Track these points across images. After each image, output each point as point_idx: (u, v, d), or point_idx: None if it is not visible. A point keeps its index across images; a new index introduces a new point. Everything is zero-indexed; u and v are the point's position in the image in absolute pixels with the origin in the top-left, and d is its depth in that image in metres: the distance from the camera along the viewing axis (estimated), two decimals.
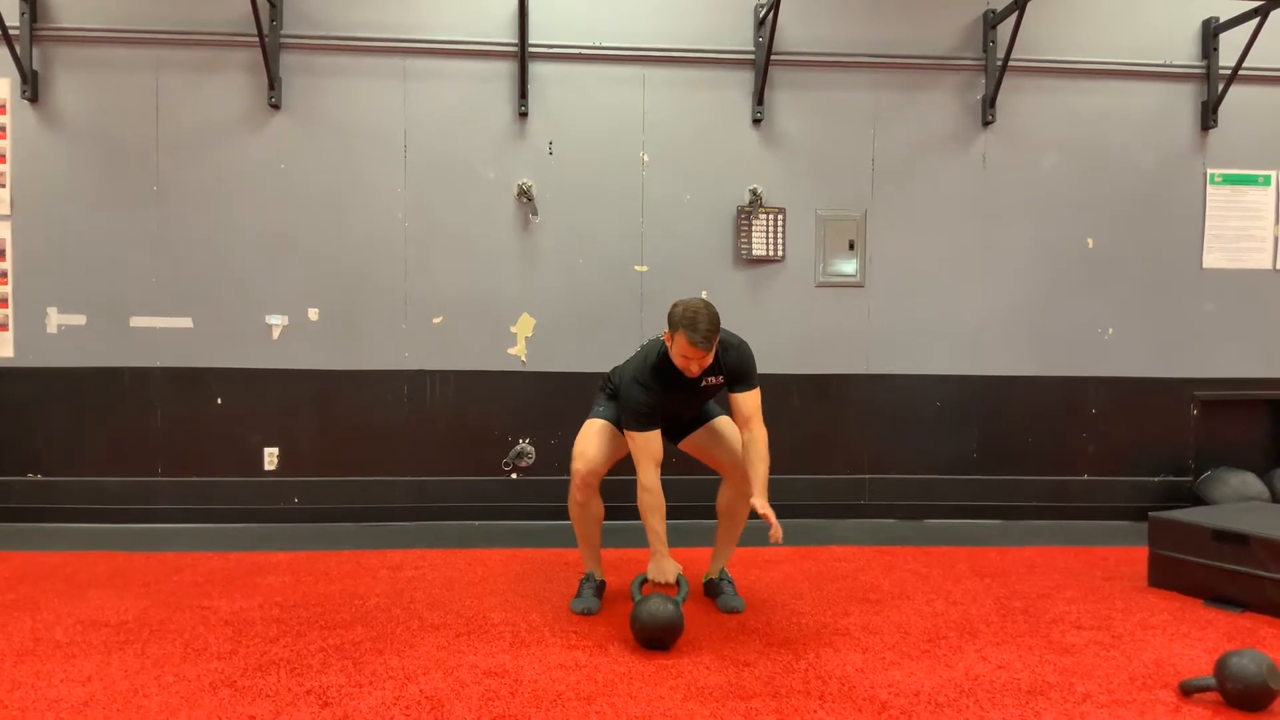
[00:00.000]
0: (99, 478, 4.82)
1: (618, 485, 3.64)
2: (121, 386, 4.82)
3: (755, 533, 4.59)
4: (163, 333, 4.83)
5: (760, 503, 3.23)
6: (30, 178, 4.76)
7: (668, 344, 3.24)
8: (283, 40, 4.80)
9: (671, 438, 3.56)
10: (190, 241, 4.82)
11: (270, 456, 4.89)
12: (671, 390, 3.31)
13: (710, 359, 3.22)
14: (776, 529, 3.21)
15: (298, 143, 4.85)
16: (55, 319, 4.80)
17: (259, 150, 4.84)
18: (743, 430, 3.37)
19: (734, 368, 3.36)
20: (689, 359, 3.18)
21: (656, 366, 3.30)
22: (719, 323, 3.19)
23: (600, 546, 3.62)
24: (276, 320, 4.88)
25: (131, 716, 2.54)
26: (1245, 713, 2.64)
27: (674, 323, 3.17)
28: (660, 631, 3.05)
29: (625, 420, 3.32)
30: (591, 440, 3.44)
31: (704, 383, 3.35)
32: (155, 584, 3.77)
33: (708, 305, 3.18)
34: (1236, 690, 2.63)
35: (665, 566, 3.30)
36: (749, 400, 3.35)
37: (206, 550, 4.30)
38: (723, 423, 3.51)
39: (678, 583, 3.30)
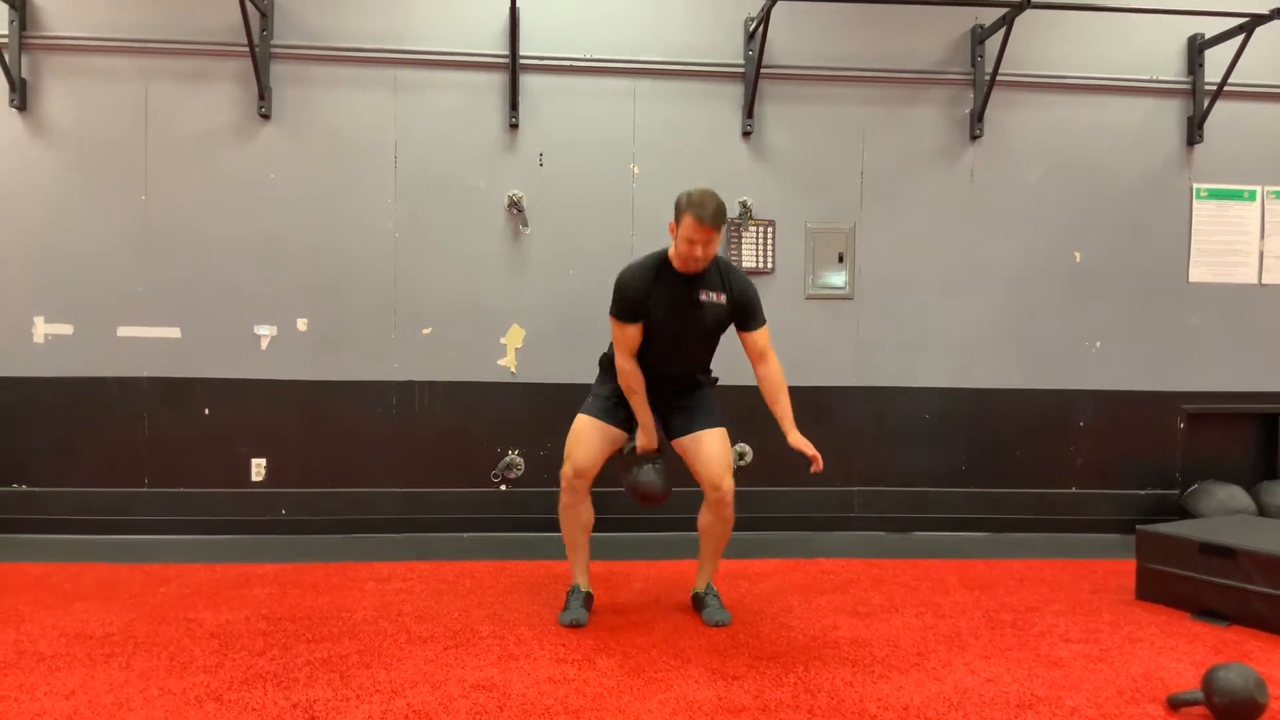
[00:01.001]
0: (85, 488, 4.79)
1: (607, 498, 3.64)
2: (108, 396, 4.79)
3: (747, 545, 4.61)
4: (150, 343, 4.81)
5: (794, 437, 3.34)
6: (18, 186, 4.74)
7: (672, 235, 3.28)
8: (273, 50, 4.80)
9: (667, 430, 3.52)
10: (179, 251, 4.81)
11: (258, 467, 4.87)
12: (668, 293, 3.33)
13: (716, 244, 3.25)
14: (817, 460, 3.29)
15: (288, 153, 4.85)
16: (42, 328, 4.77)
17: (249, 160, 4.83)
18: (758, 365, 3.45)
19: (740, 295, 3.39)
20: (694, 241, 3.20)
21: (657, 263, 3.36)
22: (725, 210, 3.24)
23: (589, 557, 3.61)
24: (265, 331, 4.86)
25: None
26: None
27: (680, 206, 3.23)
28: (656, 493, 3.27)
29: (613, 307, 3.36)
30: (580, 441, 3.44)
31: (704, 296, 3.35)
32: (141, 596, 3.74)
33: (714, 192, 3.24)
34: (1224, 704, 2.64)
35: (650, 440, 3.43)
36: (760, 337, 3.44)
37: (193, 562, 4.27)
38: (712, 436, 3.47)
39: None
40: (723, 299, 3.38)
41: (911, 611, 3.69)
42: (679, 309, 3.35)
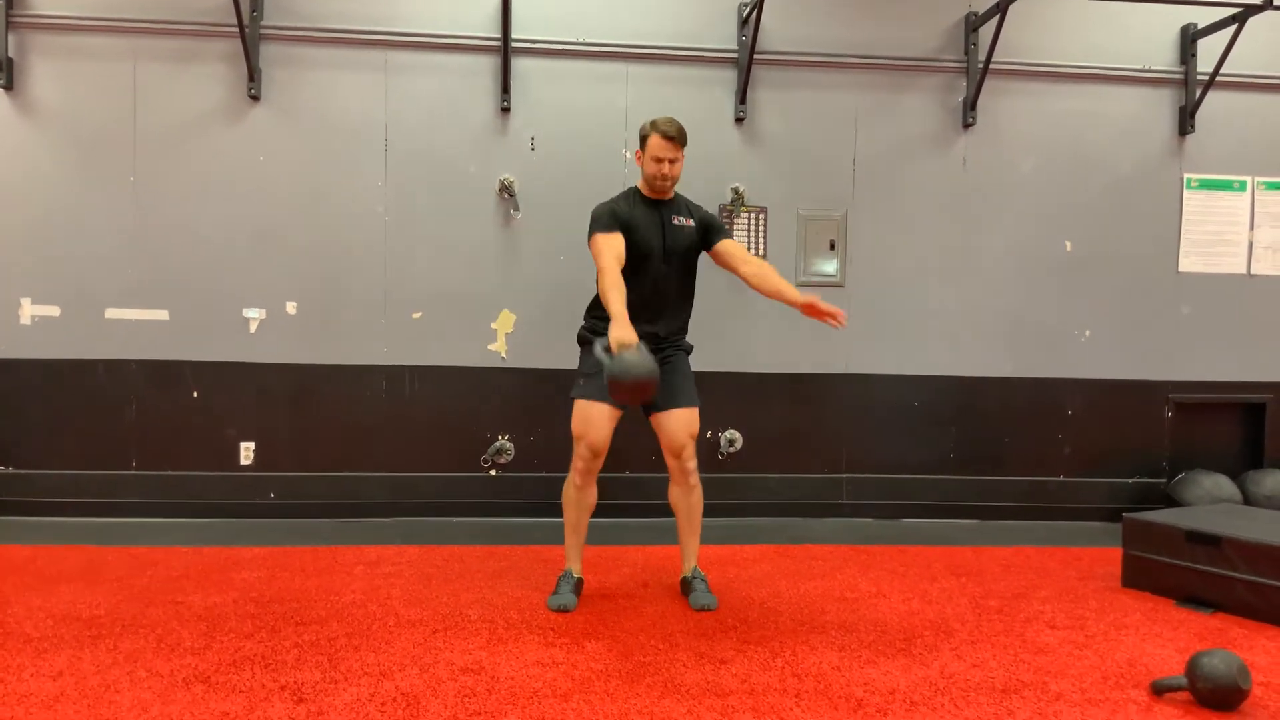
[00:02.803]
0: (72, 471, 4.77)
1: (600, 483, 3.63)
2: (96, 379, 4.77)
3: (736, 531, 4.62)
4: (138, 325, 4.78)
5: (804, 298, 3.37)
6: (4, 167, 4.70)
7: (640, 164, 3.52)
8: (263, 31, 4.76)
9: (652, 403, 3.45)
10: (167, 233, 4.78)
11: (246, 451, 4.85)
12: (644, 218, 3.50)
13: (680, 161, 3.48)
14: (836, 315, 3.33)
15: (277, 135, 4.82)
16: (29, 310, 4.74)
17: (238, 142, 4.80)
18: (743, 267, 3.55)
19: (703, 216, 3.63)
20: (661, 160, 3.43)
21: (629, 194, 3.59)
22: (686, 132, 3.49)
23: (585, 541, 3.62)
24: (254, 314, 4.84)
25: (103, 712, 2.52)
26: (1215, 712, 2.67)
27: (645, 131, 3.49)
28: (646, 378, 3.09)
29: (591, 228, 3.48)
30: (589, 422, 3.45)
31: (675, 220, 3.54)
32: (128, 578, 3.73)
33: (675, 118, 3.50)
34: (1207, 689, 2.66)
35: (628, 332, 3.16)
36: (732, 243, 3.61)
37: (180, 545, 4.26)
38: (682, 414, 3.49)
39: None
40: (691, 222, 3.58)
41: (899, 597, 3.70)
42: (656, 230, 3.51)
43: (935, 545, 4.57)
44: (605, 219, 3.46)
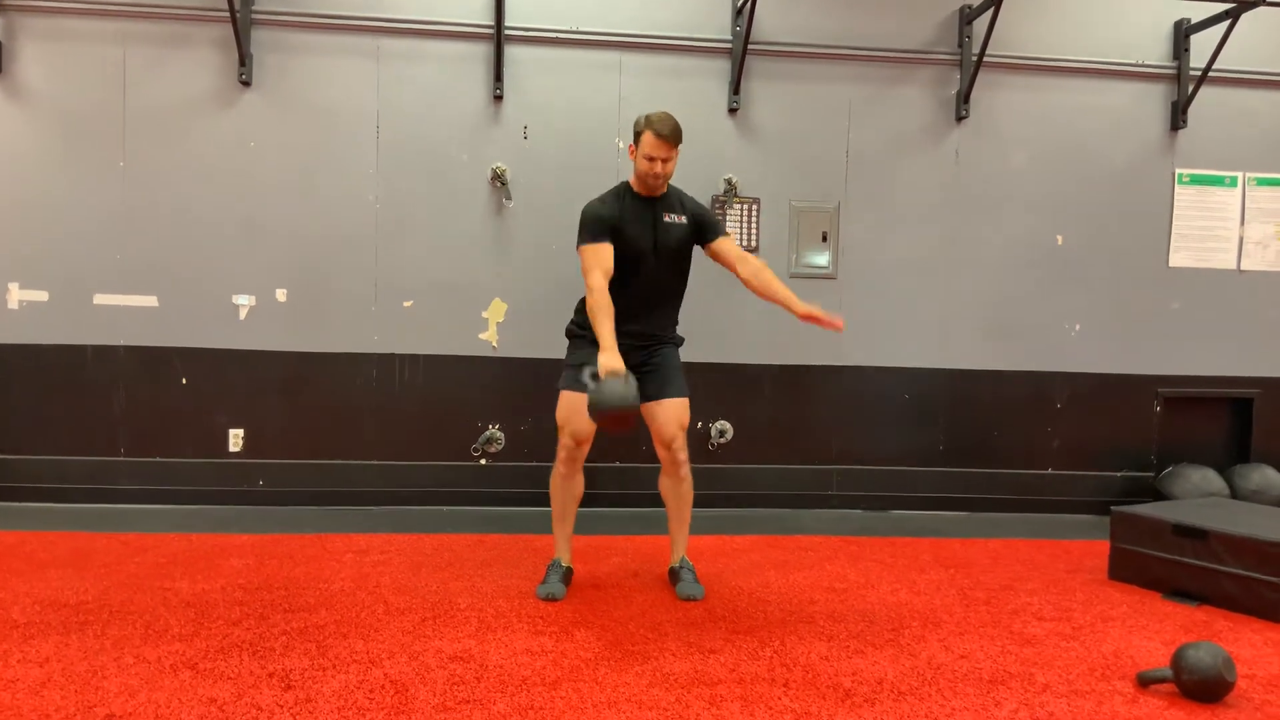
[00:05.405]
0: (60, 457, 4.75)
1: (589, 473, 3.63)
2: (84, 365, 4.74)
3: (726, 521, 4.63)
4: (127, 311, 4.76)
5: (803, 307, 3.37)
6: None
7: (632, 158, 3.42)
8: (254, 16, 4.73)
9: (642, 390, 3.39)
10: (156, 218, 4.75)
11: (235, 438, 4.84)
12: (634, 218, 3.43)
13: (674, 160, 3.40)
14: (831, 322, 3.33)
15: (268, 121, 4.79)
16: (16, 295, 4.71)
17: (228, 128, 4.77)
18: (741, 267, 3.52)
19: (696, 212, 3.56)
20: (654, 158, 3.35)
21: (620, 191, 3.50)
22: (681, 129, 3.40)
23: (573, 531, 3.63)
24: (244, 300, 4.82)
25: (90, 698, 2.51)
26: (1200, 704, 2.68)
27: (638, 127, 3.38)
28: (626, 408, 3.09)
29: (580, 234, 3.41)
30: (574, 411, 3.43)
31: (667, 217, 3.48)
32: (116, 565, 3.72)
33: (670, 113, 3.40)
34: (1192, 682, 2.68)
35: (615, 361, 3.17)
36: (728, 243, 3.57)
37: (169, 531, 4.25)
38: (673, 404, 3.47)
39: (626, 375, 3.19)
40: (683, 219, 3.52)
41: (887, 588, 3.72)
42: (647, 228, 3.45)
43: (924, 537, 4.58)
44: (593, 225, 3.39)
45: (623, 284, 3.41)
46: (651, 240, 3.46)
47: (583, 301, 3.58)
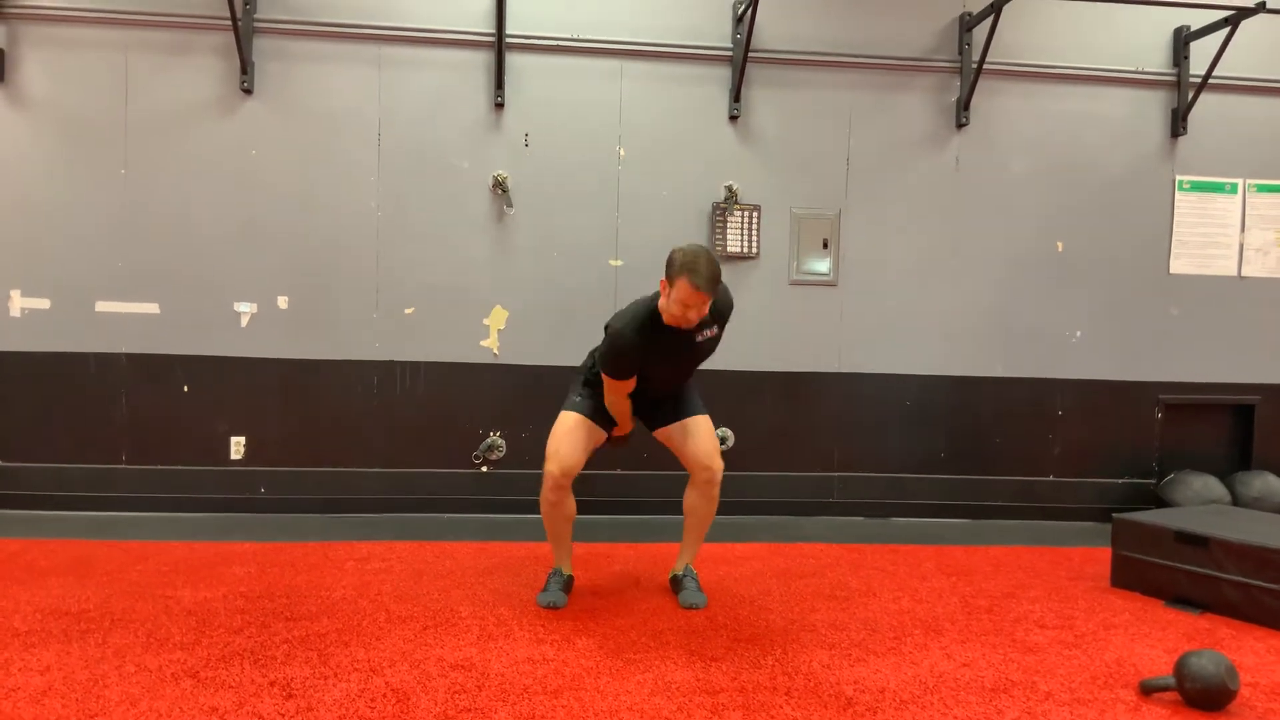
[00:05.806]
0: (62, 464, 4.75)
1: (589, 479, 3.63)
2: (86, 372, 4.75)
3: (727, 529, 4.62)
4: (129, 318, 4.76)
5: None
6: None
7: (664, 294, 3.15)
8: (256, 24, 4.74)
9: (650, 422, 3.53)
10: (158, 226, 4.76)
11: (237, 445, 4.84)
12: (662, 344, 3.24)
13: (708, 306, 3.14)
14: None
15: (270, 128, 4.80)
16: (18, 302, 4.72)
17: (230, 135, 4.78)
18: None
19: (719, 310, 3.33)
20: (688, 306, 3.07)
21: (649, 315, 3.23)
22: (719, 269, 3.11)
23: (571, 542, 3.61)
24: (245, 308, 4.82)
25: (91, 707, 2.51)
26: (1203, 712, 2.68)
27: (674, 268, 3.07)
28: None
29: (605, 362, 3.26)
30: (566, 438, 3.39)
31: (699, 337, 3.29)
32: (117, 573, 3.72)
33: (708, 250, 3.11)
34: (1195, 690, 2.67)
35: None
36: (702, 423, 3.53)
37: (170, 539, 4.25)
38: (699, 423, 3.48)
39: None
40: (715, 331, 3.36)
41: (889, 596, 3.71)
42: (675, 354, 3.32)
43: (926, 544, 4.58)
44: (618, 364, 3.23)
45: (644, 381, 3.38)
46: (677, 360, 3.37)
47: (594, 353, 3.54)
